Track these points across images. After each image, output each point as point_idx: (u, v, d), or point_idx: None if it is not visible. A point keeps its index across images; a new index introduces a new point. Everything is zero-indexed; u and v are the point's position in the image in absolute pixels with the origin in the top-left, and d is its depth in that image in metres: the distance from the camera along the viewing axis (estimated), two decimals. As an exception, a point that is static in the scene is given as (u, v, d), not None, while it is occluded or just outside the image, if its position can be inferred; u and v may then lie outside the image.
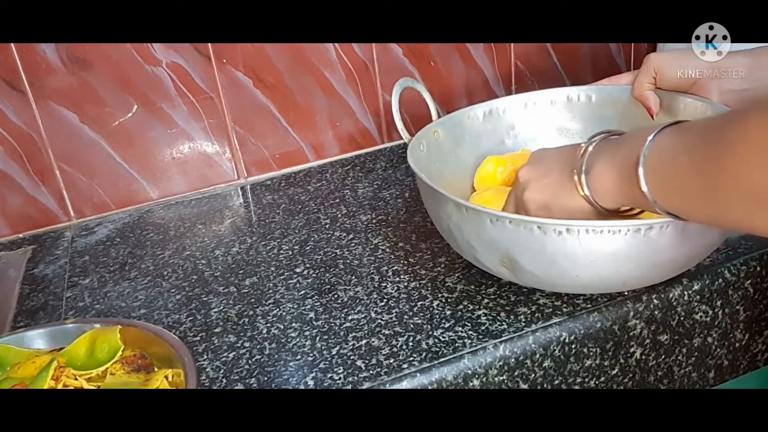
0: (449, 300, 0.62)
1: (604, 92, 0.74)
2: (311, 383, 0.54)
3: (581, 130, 0.77)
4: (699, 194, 0.42)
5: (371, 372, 0.54)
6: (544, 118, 0.77)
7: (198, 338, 0.61)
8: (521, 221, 0.53)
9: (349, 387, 0.54)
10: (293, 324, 0.62)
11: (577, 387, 0.59)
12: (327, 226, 0.79)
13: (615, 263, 0.52)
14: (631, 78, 0.72)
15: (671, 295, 0.60)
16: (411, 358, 0.55)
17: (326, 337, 0.59)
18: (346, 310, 0.63)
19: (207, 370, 0.57)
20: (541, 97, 0.77)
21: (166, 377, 0.50)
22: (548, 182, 0.55)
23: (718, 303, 0.62)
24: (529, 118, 0.77)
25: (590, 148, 0.51)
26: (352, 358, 0.56)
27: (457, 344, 0.56)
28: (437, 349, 0.56)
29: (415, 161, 0.64)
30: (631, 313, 0.59)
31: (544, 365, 0.57)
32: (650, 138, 0.45)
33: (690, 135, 0.44)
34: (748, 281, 0.63)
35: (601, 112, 0.75)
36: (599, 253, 0.52)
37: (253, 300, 0.66)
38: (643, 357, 0.61)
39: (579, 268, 0.53)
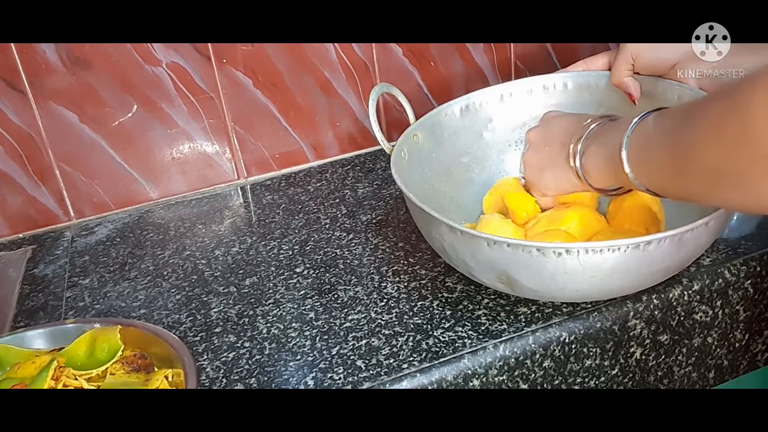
0: (449, 300, 0.62)
1: (580, 78, 0.74)
2: (311, 383, 0.54)
3: None
4: (672, 172, 0.47)
5: (371, 372, 0.55)
6: (522, 108, 0.76)
7: (198, 338, 0.61)
8: (519, 245, 0.52)
9: (349, 387, 0.54)
10: (293, 324, 0.62)
11: (577, 387, 0.59)
12: (327, 226, 0.79)
13: (612, 276, 0.53)
14: (605, 60, 0.72)
15: (671, 295, 0.60)
16: (411, 358, 0.55)
17: (326, 337, 0.59)
18: (346, 310, 0.63)
19: (207, 370, 0.57)
20: (517, 87, 0.75)
21: (166, 377, 0.50)
22: (548, 150, 0.62)
23: (718, 303, 0.62)
24: (507, 109, 0.76)
25: (587, 132, 0.57)
26: (352, 358, 0.56)
27: (457, 344, 0.56)
28: (437, 349, 0.56)
29: (399, 173, 0.62)
30: (631, 313, 0.59)
31: (544, 365, 0.57)
32: (634, 122, 0.50)
33: (667, 119, 0.48)
34: (748, 281, 0.63)
35: (579, 98, 0.74)
36: (598, 269, 0.52)
37: (253, 300, 0.66)
38: (643, 357, 0.61)
39: (578, 283, 0.53)
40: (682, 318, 0.61)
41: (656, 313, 0.60)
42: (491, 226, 0.64)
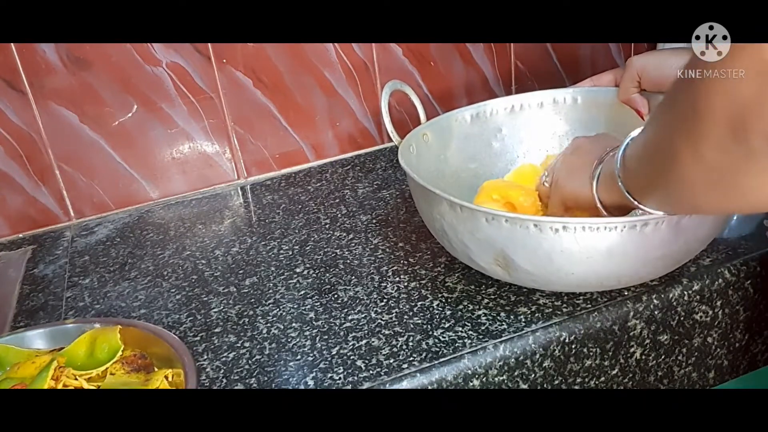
0: (449, 300, 0.62)
1: (590, 94, 0.75)
2: (311, 383, 0.54)
3: (568, 131, 0.77)
4: (648, 178, 0.46)
5: (371, 372, 0.55)
6: (531, 120, 0.77)
7: (198, 338, 0.61)
8: (517, 219, 0.53)
9: (349, 387, 0.54)
10: (293, 324, 0.62)
11: (577, 387, 0.59)
12: (327, 226, 0.79)
13: (609, 260, 0.53)
14: (611, 77, 0.73)
15: (671, 295, 0.60)
16: (411, 358, 0.55)
17: (326, 337, 0.59)
18: (346, 310, 0.63)
19: (207, 370, 0.57)
20: (528, 100, 0.77)
21: (166, 377, 0.50)
22: (587, 158, 0.57)
23: (718, 303, 0.62)
24: (517, 120, 0.77)
25: (612, 154, 0.53)
26: (352, 358, 0.56)
27: (457, 344, 0.56)
28: (437, 349, 0.56)
29: (406, 163, 0.64)
30: (631, 313, 0.59)
31: (544, 365, 0.57)
32: (633, 133, 0.49)
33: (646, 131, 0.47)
34: (748, 281, 0.63)
35: (588, 114, 0.75)
36: (594, 249, 0.52)
37: (253, 300, 0.66)
38: (643, 357, 0.61)
39: (574, 264, 0.53)
40: (682, 318, 0.61)
41: (656, 313, 0.60)
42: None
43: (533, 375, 0.57)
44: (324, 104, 0.94)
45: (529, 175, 0.72)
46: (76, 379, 0.50)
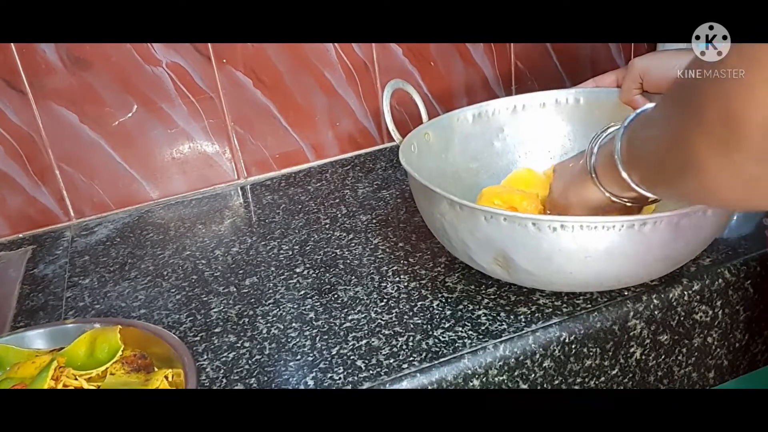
0: (449, 300, 0.62)
1: (592, 95, 0.75)
2: (311, 383, 0.54)
3: (570, 132, 0.77)
4: (653, 163, 0.44)
5: (371, 372, 0.55)
6: (533, 120, 0.77)
7: (198, 338, 0.61)
8: (516, 218, 0.53)
9: (349, 387, 0.54)
10: (293, 324, 0.62)
11: (577, 387, 0.59)
12: (327, 226, 0.79)
13: (608, 259, 0.53)
14: (613, 78, 0.73)
15: (671, 295, 0.60)
16: (411, 358, 0.55)
17: (326, 337, 0.59)
18: (346, 310, 0.63)
19: (207, 370, 0.57)
20: (530, 100, 0.77)
21: (166, 377, 0.50)
22: (571, 168, 0.59)
23: (718, 303, 0.62)
24: (518, 120, 0.77)
25: (603, 135, 0.53)
26: (352, 358, 0.56)
27: (457, 344, 0.56)
28: (437, 349, 0.56)
29: (407, 162, 0.64)
30: (631, 313, 0.59)
31: (544, 365, 0.57)
32: (635, 113, 0.48)
33: (655, 110, 0.45)
34: (748, 281, 0.63)
35: (590, 114, 0.75)
36: (593, 249, 0.52)
37: (253, 300, 0.66)
38: (643, 357, 0.61)
39: (573, 264, 0.53)
40: (682, 318, 0.61)
41: (656, 313, 0.60)
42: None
43: (533, 375, 0.57)
44: (324, 104, 0.94)
45: (526, 179, 0.73)
46: (76, 379, 0.50)
